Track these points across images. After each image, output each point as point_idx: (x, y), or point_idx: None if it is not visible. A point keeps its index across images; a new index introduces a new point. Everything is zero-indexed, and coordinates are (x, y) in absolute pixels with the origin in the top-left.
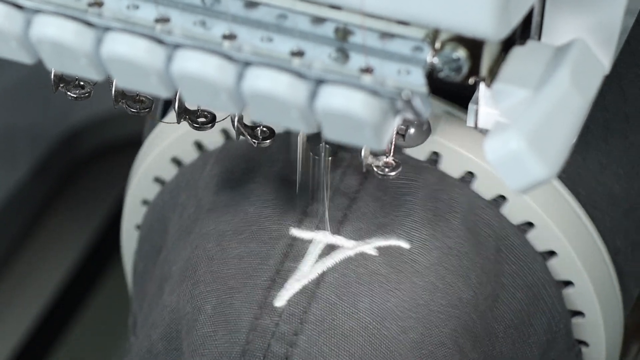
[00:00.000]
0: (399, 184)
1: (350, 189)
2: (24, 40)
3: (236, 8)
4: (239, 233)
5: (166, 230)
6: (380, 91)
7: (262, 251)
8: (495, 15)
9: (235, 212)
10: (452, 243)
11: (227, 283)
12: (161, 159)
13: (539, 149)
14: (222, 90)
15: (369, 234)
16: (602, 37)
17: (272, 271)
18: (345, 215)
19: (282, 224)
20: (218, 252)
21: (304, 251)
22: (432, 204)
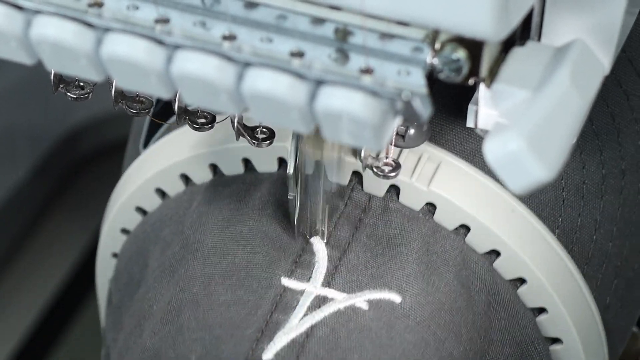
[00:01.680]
0: (392, 233)
1: (341, 241)
2: (24, 40)
3: (236, 9)
4: (226, 277)
5: (146, 264)
6: (380, 92)
7: (250, 300)
8: (495, 16)
9: (223, 255)
10: (444, 298)
11: (214, 332)
12: (145, 189)
13: (538, 149)
14: (222, 91)
15: (360, 287)
16: (602, 37)
17: (261, 322)
18: (336, 268)
19: (273, 272)
20: (204, 297)
21: (294, 302)
22: (425, 256)
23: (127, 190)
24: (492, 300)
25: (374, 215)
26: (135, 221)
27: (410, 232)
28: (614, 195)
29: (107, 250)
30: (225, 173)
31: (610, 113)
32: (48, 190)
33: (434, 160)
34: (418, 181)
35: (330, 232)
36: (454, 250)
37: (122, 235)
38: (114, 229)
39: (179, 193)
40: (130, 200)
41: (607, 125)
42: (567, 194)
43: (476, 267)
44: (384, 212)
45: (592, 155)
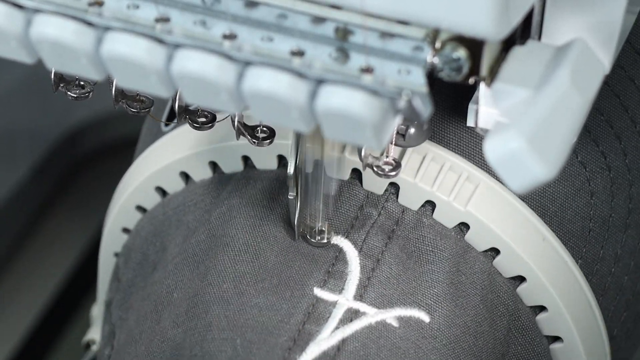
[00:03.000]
0: (424, 249)
1: (374, 250)
2: (24, 39)
3: (236, 8)
4: (258, 280)
5: (164, 247)
6: (381, 91)
7: (283, 307)
8: (496, 15)
9: (255, 255)
10: (470, 322)
11: (246, 335)
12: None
13: (539, 148)
14: (223, 90)
15: (391, 302)
16: (602, 36)
17: (294, 331)
18: (368, 280)
19: (306, 282)
20: (235, 295)
21: (326, 314)
22: (455, 277)
23: (148, 169)
24: (511, 325)
25: (407, 228)
26: (152, 200)
27: (442, 251)
28: (636, 230)
29: (117, 224)
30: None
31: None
32: (48, 190)
33: (473, 180)
34: (456, 201)
35: (364, 239)
36: (483, 273)
37: (137, 212)
38: (128, 205)
39: (205, 179)
40: (150, 180)
41: (638, 160)
42: (594, 225)
43: (501, 291)
44: (417, 227)
45: (622, 188)
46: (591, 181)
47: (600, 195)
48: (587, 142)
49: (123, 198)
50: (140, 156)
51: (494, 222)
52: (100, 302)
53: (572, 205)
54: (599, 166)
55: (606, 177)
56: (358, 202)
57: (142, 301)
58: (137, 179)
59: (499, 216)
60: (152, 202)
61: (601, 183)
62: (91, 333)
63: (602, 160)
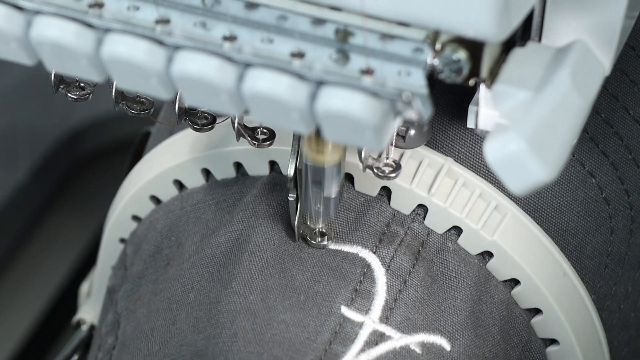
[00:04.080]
0: (448, 274)
1: (402, 270)
2: (24, 41)
3: (236, 9)
4: (286, 297)
5: (180, 242)
6: (381, 92)
7: (310, 324)
8: (496, 17)
9: (282, 272)
10: (488, 353)
11: (272, 350)
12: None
13: (539, 150)
14: (223, 92)
15: (416, 328)
16: (602, 38)
17: (320, 350)
18: (395, 301)
19: (333, 300)
20: (262, 309)
21: (352, 335)
22: (477, 305)
23: (165, 162)
24: (522, 356)
25: (431, 251)
26: (169, 193)
27: (465, 278)
28: None
29: (128, 210)
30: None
31: None
32: (48, 190)
33: (501, 210)
34: (484, 229)
35: (392, 257)
36: (502, 303)
37: (150, 202)
38: (142, 193)
39: (228, 178)
40: (169, 173)
41: None
42: (610, 262)
43: (516, 322)
44: (441, 250)
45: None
46: (613, 218)
47: (619, 232)
48: (613, 179)
49: (138, 186)
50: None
51: (518, 254)
52: (90, 280)
53: (592, 240)
54: (621, 204)
55: (627, 215)
56: (385, 218)
57: (153, 295)
58: (155, 169)
59: (524, 248)
60: (168, 194)
61: (622, 221)
62: (81, 312)
63: (625, 198)
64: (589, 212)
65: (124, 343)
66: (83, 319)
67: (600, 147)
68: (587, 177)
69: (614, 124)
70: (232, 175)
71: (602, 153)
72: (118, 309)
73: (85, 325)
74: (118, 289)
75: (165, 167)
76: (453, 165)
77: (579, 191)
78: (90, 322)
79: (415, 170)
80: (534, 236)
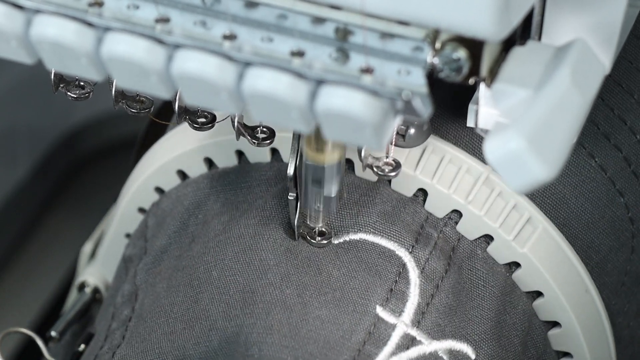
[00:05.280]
0: (475, 282)
1: (435, 275)
2: (24, 40)
3: (236, 8)
4: (321, 293)
5: (206, 220)
6: (381, 91)
7: (345, 322)
8: (496, 16)
9: (318, 270)
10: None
11: (307, 347)
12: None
13: (539, 149)
14: (223, 91)
15: (444, 334)
16: (602, 37)
17: (354, 350)
18: (427, 306)
19: (369, 299)
20: (298, 304)
21: (385, 337)
22: (502, 315)
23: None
24: None
25: (461, 257)
26: (197, 169)
27: (492, 287)
28: None
29: (151, 181)
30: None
31: None
32: (48, 190)
33: (534, 223)
34: (516, 240)
35: (427, 259)
36: (524, 315)
37: (176, 176)
38: (169, 166)
39: (262, 162)
40: (201, 150)
41: None
42: (628, 280)
43: (535, 333)
44: (470, 257)
45: None
46: (635, 238)
47: (638, 250)
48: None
49: (166, 158)
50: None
51: (546, 267)
52: (94, 242)
53: (614, 258)
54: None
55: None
56: (420, 219)
57: (175, 271)
58: (186, 145)
59: (551, 261)
60: (197, 171)
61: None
62: (84, 275)
63: None
64: (614, 230)
65: (142, 316)
66: (87, 281)
67: (632, 167)
68: (617, 196)
69: None
70: (266, 160)
71: (633, 174)
72: (137, 281)
73: (89, 287)
74: (136, 259)
75: (198, 144)
76: (492, 174)
77: (607, 209)
78: (93, 284)
79: (455, 176)
80: (562, 251)
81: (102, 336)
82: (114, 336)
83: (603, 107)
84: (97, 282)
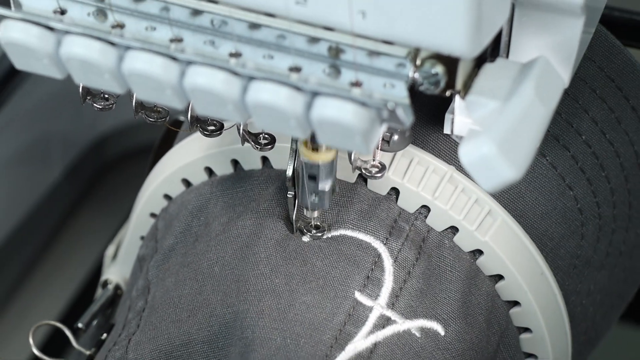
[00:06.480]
0: (443, 268)
1: (407, 263)
2: (55, 58)
3: (241, 29)
4: (306, 281)
5: (208, 222)
6: (368, 102)
7: (327, 306)
8: (469, 36)
9: (303, 261)
10: (475, 338)
11: (294, 328)
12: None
13: (507, 153)
14: (229, 102)
15: (416, 314)
16: (562, 55)
17: (335, 330)
18: (400, 290)
19: (348, 285)
20: (286, 292)
21: (363, 318)
22: (467, 296)
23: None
24: (500, 342)
25: (430, 246)
26: (199, 177)
27: (458, 272)
28: (609, 271)
29: (160, 190)
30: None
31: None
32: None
33: (494, 215)
34: (478, 230)
35: (399, 250)
36: (487, 295)
37: (181, 184)
38: (174, 177)
39: (255, 169)
40: (202, 161)
41: (623, 213)
42: (579, 263)
43: (498, 312)
44: (439, 247)
45: (606, 235)
46: (584, 226)
47: (588, 238)
48: (587, 192)
49: (172, 169)
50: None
51: (505, 253)
52: (116, 245)
53: (566, 244)
54: (592, 214)
55: (596, 224)
56: (393, 214)
57: (181, 267)
58: (189, 156)
59: (510, 248)
60: (198, 179)
61: (591, 229)
62: (107, 274)
63: (595, 209)
64: (565, 220)
65: (153, 306)
66: (110, 279)
67: (579, 164)
68: (566, 190)
69: (592, 144)
70: (258, 167)
71: (580, 170)
72: (149, 277)
73: (111, 285)
74: (148, 258)
75: (199, 155)
76: (455, 173)
77: (559, 201)
78: (115, 282)
79: (422, 175)
80: (519, 239)
81: (120, 325)
82: (130, 325)
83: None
84: (118, 279)
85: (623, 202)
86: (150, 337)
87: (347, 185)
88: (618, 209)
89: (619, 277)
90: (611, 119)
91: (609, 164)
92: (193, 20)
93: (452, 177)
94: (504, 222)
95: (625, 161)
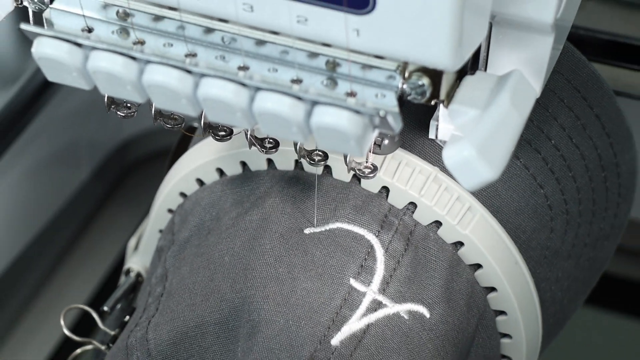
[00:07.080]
0: (429, 258)
1: (397, 253)
2: (83, 71)
3: (249, 45)
4: (307, 270)
5: (219, 217)
6: (362, 110)
7: (325, 292)
8: (452, 52)
9: (304, 252)
10: (457, 320)
11: (295, 311)
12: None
13: (486, 156)
14: (238, 110)
15: (405, 298)
16: (534, 68)
17: (332, 313)
18: (391, 277)
19: (344, 273)
20: (288, 279)
21: (357, 302)
22: (450, 283)
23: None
24: (479, 323)
25: (417, 239)
26: (211, 177)
27: (442, 262)
28: (575, 260)
29: (177, 188)
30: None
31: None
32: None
33: (473, 211)
34: (459, 225)
35: (389, 241)
36: (468, 282)
37: (195, 183)
38: (189, 176)
39: (261, 170)
40: (214, 162)
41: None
42: (548, 253)
43: (477, 297)
44: (425, 239)
45: (572, 229)
46: (553, 220)
47: (557, 232)
48: (556, 190)
49: (187, 170)
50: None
51: (483, 245)
52: (137, 237)
53: (537, 237)
54: (560, 210)
55: (564, 219)
56: (384, 210)
57: (195, 257)
58: (202, 158)
59: (487, 240)
60: (211, 178)
61: (560, 223)
62: (130, 263)
63: (563, 205)
64: (537, 215)
65: (170, 292)
66: (132, 267)
67: (549, 165)
68: (537, 188)
69: (560, 148)
70: (264, 168)
71: (550, 170)
72: (166, 266)
73: (133, 272)
74: (166, 249)
75: (211, 157)
76: (439, 173)
77: (531, 199)
78: (137, 270)
79: (410, 175)
80: (496, 232)
81: (141, 309)
82: (150, 309)
83: None
84: (140, 268)
85: (588, 199)
86: (167, 319)
87: (343, 184)
88: (583, 206)
89: (584, 266)
90: (577, 126)
91: (575, 165)
92: (206, 38)
93: (436, 177)
94: (482, 217)
95: (590, 163)
